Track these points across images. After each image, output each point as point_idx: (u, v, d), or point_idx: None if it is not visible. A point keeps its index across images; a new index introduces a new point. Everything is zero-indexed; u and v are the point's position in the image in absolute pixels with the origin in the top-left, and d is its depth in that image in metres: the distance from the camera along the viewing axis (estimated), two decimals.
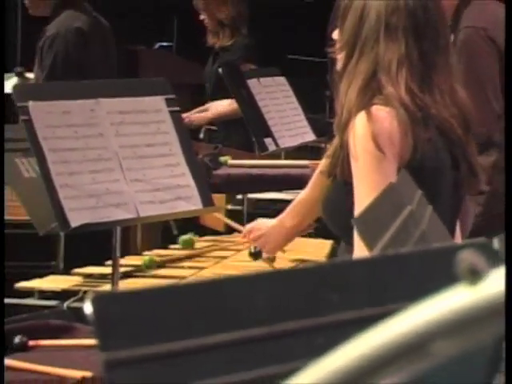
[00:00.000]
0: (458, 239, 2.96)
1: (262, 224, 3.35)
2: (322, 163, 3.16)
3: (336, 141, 2.79)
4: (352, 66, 2.79)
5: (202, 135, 6.60)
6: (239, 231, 3.51)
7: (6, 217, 3.95)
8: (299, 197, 3.34)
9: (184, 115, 6.69)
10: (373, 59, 2.76)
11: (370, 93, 2.74)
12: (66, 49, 4.90)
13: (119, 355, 0.89)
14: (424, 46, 2.79)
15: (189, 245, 3.65)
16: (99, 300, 0.89)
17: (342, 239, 2.99)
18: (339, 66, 2.86)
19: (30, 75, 5.32)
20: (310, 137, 5.37)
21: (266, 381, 0.94)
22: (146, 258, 3.38)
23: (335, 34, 2.89)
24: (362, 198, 2.62)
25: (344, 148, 2.73)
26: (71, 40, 4.92)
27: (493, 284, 0.61)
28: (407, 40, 2.77)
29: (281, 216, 3.33)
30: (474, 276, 0.61)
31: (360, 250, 2.30)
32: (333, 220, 2.94)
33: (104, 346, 0.88)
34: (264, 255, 3.32)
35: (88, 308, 0.90)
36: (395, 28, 2.76)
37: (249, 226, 3.41)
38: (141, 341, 0.91)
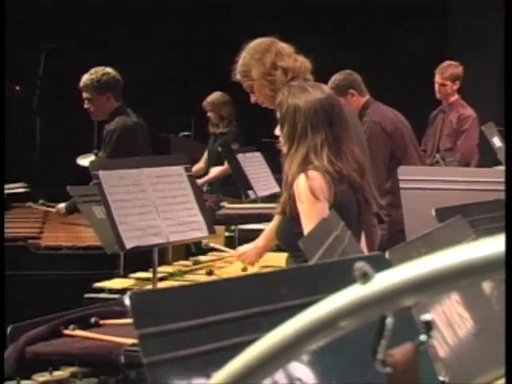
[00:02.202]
0: (364, 248, 2.97)
1: (246, 247, 3.38)
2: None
3: (285, 195, 2.82)
4: (293, 151, 2.83)
5: (204, 188, 6.61)
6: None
7: (87, 243, 3.97)
8: (268, 227, 3.35)
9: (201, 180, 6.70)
10: (306, 147, 2.80)
11: (305, 165, 2.77)
12: (122, 139, 4.88)
13: (147, 331, 0.88)
14: (334, 129, 2.81)
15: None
16: (133, 296, 0.88)
17: (289, 253, 3.00)
18: (284, 151, 2.91)
19: (101, 154, 5.29)
20: (276, 189, 5.36)
21: (241, 345, 0.92)
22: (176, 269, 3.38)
23: (277, 131, 2.91)
24: (307, 225, 2.63)
25: (291, 198, 2.76)
26: (123, 134, 4.90)
27: (376, 283, 0.60)
28: (325, 129, 2.80)
29: (257, 239, 3.35)
30: (364, 278, 0.60)
31: None
32: (283, 241, 2.95)
33: (137, 325, 0.87)
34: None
35: (127, 300, 0.89)
36: (316, 123, 2.79)
37: (241, 248, 3.43)
38: (161, 321, 0.90)
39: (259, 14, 8.08)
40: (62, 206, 4.80)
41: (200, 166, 6.95)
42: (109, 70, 4.97)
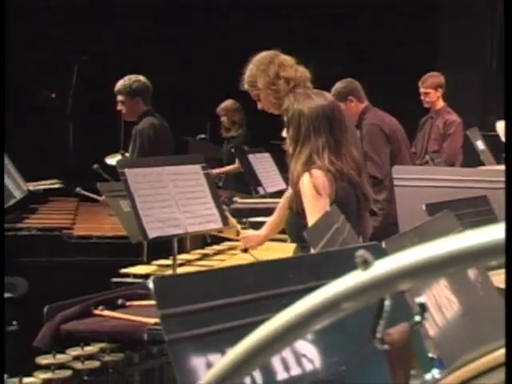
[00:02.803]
0: (361, 239, 2.97)
1: (249, 232, 3.37)
2: (282, 201, 3.28)
3: (291, 191, 2.82)
4: (297, 152, 2.83)
5: (220, 184, 6.59)
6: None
7: (115, 233, 3.96)
8: (269, 219, 3.36)
9: (215, 171, 6.69)
10: (309, 148, 2.80)
11: (308, 165, 2.77)
12: (147, 138, 4.93)
13: (168, 311, 0.87)
14: (334, 132, 2.81)
15: None
16: (156, 280, 0.88)
17: (296, 243, 2.99)
18: (289, 152, 2.90)
19: (127, 154, 5.29)
20: (283, 186, 5.35)
21: (252, 325, 0.92)
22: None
23: (284, 133, 2.91)
24: (311, 219, 2.63)
25: (297, 194, 2.76)
26: (149, 133, 4.96)
27: (375, 269, 0.60)
28: (326, 133, 2.79)
29: (260, 229, 3.36)
30: (365, 264, 0.60)
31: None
32: (291, 233, 2.95)
33: (159, 306, 0.87)
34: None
35: (151, 284, 0.88)
36: (318, 127, 2.79)
37: (243, 233, 3.42)
38: (181, 303, 0.89)
39: (265, 29, 8.08)
40: None
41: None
42: (140, 77, 5.10)
